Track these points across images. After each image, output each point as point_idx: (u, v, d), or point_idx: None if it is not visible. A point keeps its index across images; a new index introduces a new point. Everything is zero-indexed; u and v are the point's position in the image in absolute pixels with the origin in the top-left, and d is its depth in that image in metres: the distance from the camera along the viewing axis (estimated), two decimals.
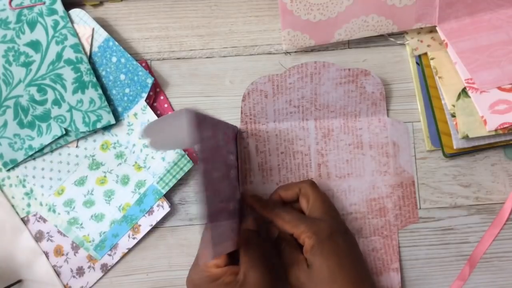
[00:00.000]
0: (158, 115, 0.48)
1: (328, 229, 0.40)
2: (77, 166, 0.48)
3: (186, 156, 0.47)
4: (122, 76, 0.47)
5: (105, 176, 0.48)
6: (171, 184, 0.46)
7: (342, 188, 0.47)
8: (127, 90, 0.47)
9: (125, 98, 0.47)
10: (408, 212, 0.47)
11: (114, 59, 0.47)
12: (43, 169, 0.48)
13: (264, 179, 0.47)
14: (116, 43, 0.47)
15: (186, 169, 0.46)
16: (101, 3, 0.50)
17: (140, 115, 0.47)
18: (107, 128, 0.47)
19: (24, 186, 0.48)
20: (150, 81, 0.47)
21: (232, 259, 0.40)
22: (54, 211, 0.48)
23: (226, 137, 0.42)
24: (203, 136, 0.35)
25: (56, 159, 0.48)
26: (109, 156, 0.48)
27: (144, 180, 0.47)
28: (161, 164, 0.47)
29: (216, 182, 0.37)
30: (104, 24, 0.49)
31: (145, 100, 0.47)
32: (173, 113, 0.34)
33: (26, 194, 0.48)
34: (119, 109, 0.47)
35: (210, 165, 0.36)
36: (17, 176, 0.48)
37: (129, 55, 0.47)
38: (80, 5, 0.49)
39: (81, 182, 0.48)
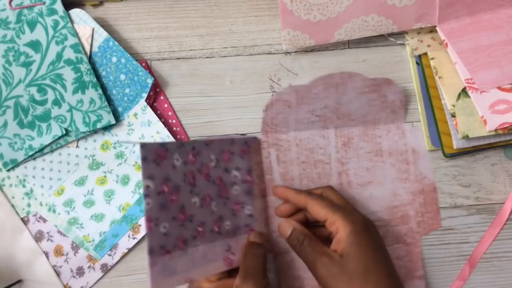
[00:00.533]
0: (158, 115, 0.48)
1: (363, 220, 0.39)
2: (77, 166, 0.48)
3: None
4: (122, 76, 0.47)
5: (105, 176, 0.48)
6: None
7: (363, 196, 0.47)
8: (127, 90, 0.47)
9: (125, 98, 0.47)
10: (431, 218, 0.47)
11: (114, 59, 0.47)
12: (43, 169, 0.48)
13: None
14: (116, 43, 0.47)
15: None
16: (101, 3, 0.50)
17: (140, 115, 0.47)
18: (107, 128, 0.47)
19: (24, 186, 0.48)
20: (150, 81, 0.47)
21: (234, 273, 0.40)
22: (54, 211, 0.48)
23: (226, 155, 0.42)
24: (171, 166, 0.37)
25: (56, 159, 0.48)
26: (109, 156, 0.48)
27: None
28: None
29: (192, 208, 0.38)
30: (104, 24, 0.49)
31: (145, 100, 0.47)
32: (135, 142, 0.42)
33: (26, 194, 0.48)
34: (119, 109, 0.47)
35: (178, 194, 0.38)
36: (17, 176, 0.48)
37: (129, 55, 0.47)
38: (80, 5, 0.49)
39: (81, 182, 0.48)
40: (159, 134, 0.47)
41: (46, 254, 0.48)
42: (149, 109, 0.47)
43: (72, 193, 0.48)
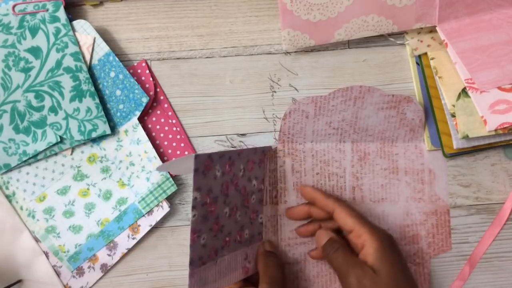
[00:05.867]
0: (157, 115, 0.48)
1: (389, 237, 0.40)
2: (61, 175, 0.47)
3: (170, 179, 0.47)
4: (118, 92, 0.47)
5: (88, 189, 0.47)
6: (152, 206, 0.46)
7: (375, 212, 0.47)
8: (121, 106, 0.47)
9: (118, 114, 0.47)
10: (441, 240, 0.47)
11: (112, 74, 0.47)
12: (28, 173, 0.47)
13: (298, 199, 0.46)
14: (117, 58, 0.47)
15: (169, 192, 0.46)
16: (101, 3, 0.50)
17: (131, 132, 0.47)
18: (96, 141, 0.47)
19: (7, 188, 0.48)
20: (145, 100, 0.47)
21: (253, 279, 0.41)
22: (33, 216, 0.48)
23: (250, 164, 0.43)
24: (213, 177, 0.37)
25: (42, 166, 0.48)
26: (95, 169, 0.47)
27: (126, 198, 0.47)
28: (145, 184, 0.47)
29: (223, 218, 0.39)
30: (104, 24, 0.49)
31: (137, 118, 0.47)
32: (184, 157, 0.39)
33: (8, 196, 0.48)
34: (111, 124, 0.47)
35: (215, 205, 0.38)
36: (1, 178, 0.48)
37: (127, 72, 0.47)
38: (79, 4, 0.49)
39: (63, 191, 0.47)
40: (147, 153, 0.47)
41: (46, 254, 0.48)
42: (140, 127, 0.47)
43: (53, 201, 0.47)
